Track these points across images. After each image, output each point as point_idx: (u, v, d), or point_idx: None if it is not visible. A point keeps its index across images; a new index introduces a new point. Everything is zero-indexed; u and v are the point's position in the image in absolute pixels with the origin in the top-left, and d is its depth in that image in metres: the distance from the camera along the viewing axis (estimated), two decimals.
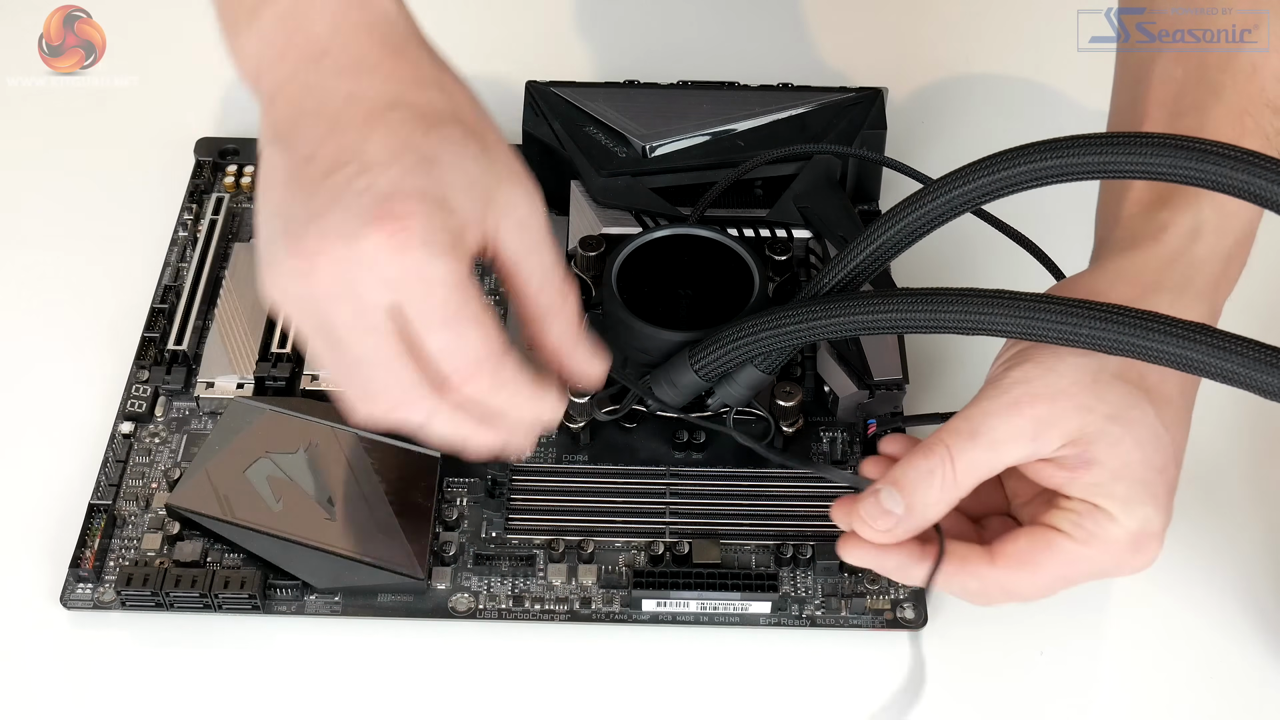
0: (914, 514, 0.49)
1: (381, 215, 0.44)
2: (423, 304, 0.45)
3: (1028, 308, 0.48)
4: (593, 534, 0.58)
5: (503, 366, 0.47)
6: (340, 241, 0.44)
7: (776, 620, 0.56)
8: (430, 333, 0.45)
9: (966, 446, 0.48)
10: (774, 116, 0.68)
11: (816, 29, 0.83)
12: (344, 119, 0.46)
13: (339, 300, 0.45)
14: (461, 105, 0.49)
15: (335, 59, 0.48)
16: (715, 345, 0.55)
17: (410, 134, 0.46)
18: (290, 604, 0.56)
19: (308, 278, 0.45)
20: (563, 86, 0.70)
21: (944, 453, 0.48)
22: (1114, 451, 0.47)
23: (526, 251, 0.49)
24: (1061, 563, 0.49)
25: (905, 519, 0.49)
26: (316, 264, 0.44)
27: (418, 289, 0.45)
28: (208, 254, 0.67)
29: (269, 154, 0.48)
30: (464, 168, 0.47)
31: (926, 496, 0.48)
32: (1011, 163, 0.49)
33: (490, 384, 0.47)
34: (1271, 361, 0.45)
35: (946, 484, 0.48)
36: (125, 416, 0.62)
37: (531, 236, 0.49)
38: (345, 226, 0.44)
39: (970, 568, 0.50)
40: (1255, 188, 0.46)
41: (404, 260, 0.44)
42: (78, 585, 0.57)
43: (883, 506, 0.49)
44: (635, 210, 0.66)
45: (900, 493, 0.49)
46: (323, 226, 0.44)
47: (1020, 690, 0.55)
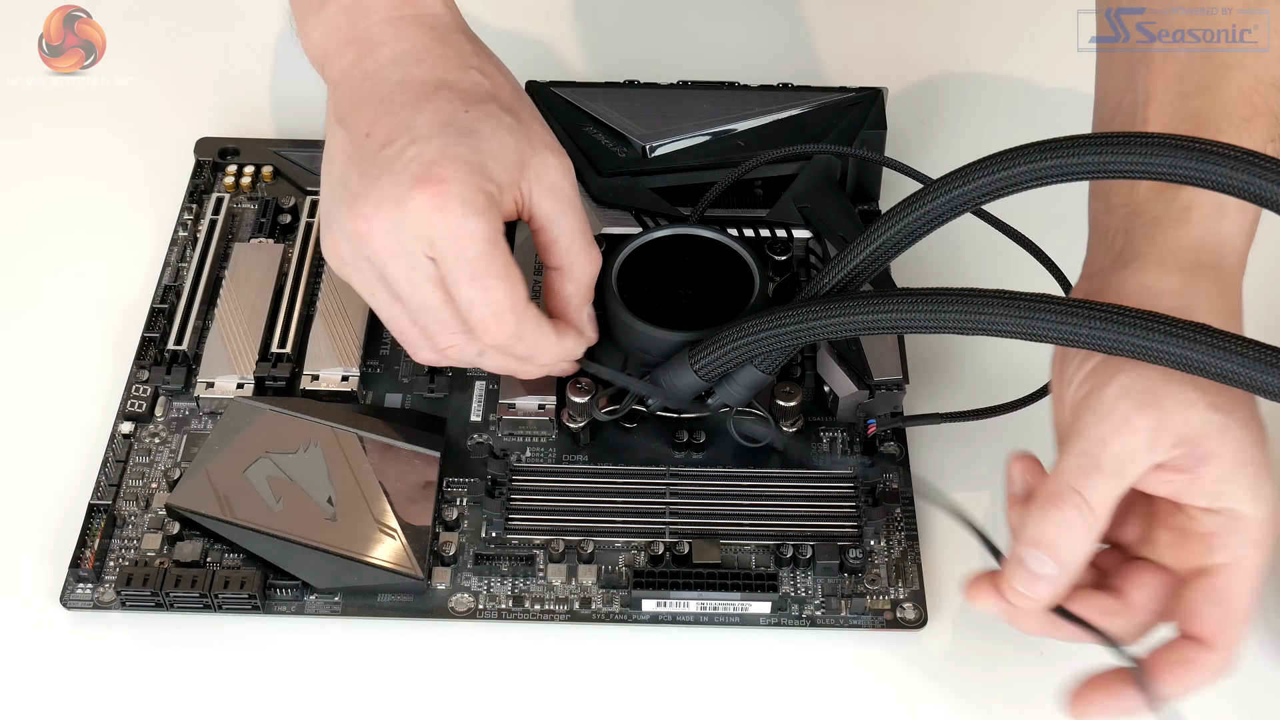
0: (1066, 568, 0.48)
1: (426, 179, 0.51)
2: (456, 259, 0.51)
3: (1028, 308, 0.48)
4: (593, 534, 0.58)
5: (523, 318, 0.53)
6: (391, 204, 0.51)
7: (776, 620, 0.56)
8: (459, 286, 0.52)
9: (1096, 481, 0.47)
10: (774, 116, 0.68)
11: (816, 29, 0.83)
12: (396, 100, 0.53)
13: (394, 256, 0.52)
14: (500, 86, 0.55)
15: (390, 49, 0.55)
16: (715, 345, 0.55)
17: (453, 110, 0.53)
18: (290, 604, 0.56)
19: (365, 238, 0.51)
20: (563, 86, 0.70)
21: (1076, 498, 0.47)
22: (1225, 440, 0.46)
23: (557, 214, 0.55)
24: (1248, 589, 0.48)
25: (1060, 577, 0.48)
26: (372, 225, 0.51)
27: (452, 244, 0.51)
28: (208, 254, 0.67)
29: (334, 132, 0.54)
30: (500, 138, 0.53)
31: (1072, 545, 0.47)
32: (1011, 163, 0.49)
33: (511, 334, 0.53)
34: (1271, 361, 0.45)
35: (1089, 526, 0.47)
36: (125, 416, 0.62)
37: (561, 201, 0.55)
38: (395, 190, 0.51)
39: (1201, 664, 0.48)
40: (1255, 188, 0.46)
41: (444, 218, 0.50)
42: (78, 585, 0.57)
43: (1034, 572, 0.48)
44: (635, 210, 0.66)
45: (1044, 552, 0.48)
46: (377, 192, 0.51)
47: (1020, 690, 0.55)
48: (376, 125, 0.53)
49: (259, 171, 0.72)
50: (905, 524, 0.59)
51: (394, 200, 0.51)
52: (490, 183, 0.52)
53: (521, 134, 0.53)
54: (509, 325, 0.53)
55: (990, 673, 0.56)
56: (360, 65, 0.55)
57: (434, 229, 0.50)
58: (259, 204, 0.71)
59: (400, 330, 0.55)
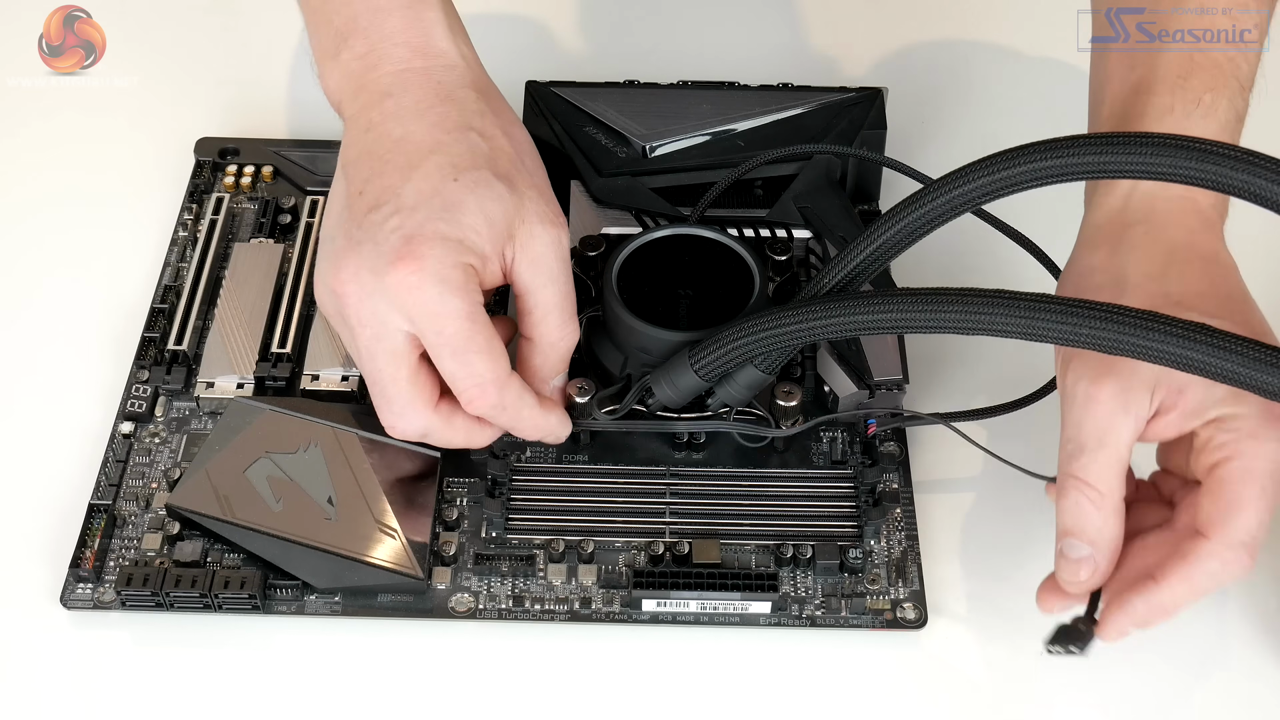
0: (1098, 545, 0.51)
1: (404, 254, 0.51)
2: (436, 335, 0.52)
3: (1028, 308, 0.48)
4: (593, 534, 0.58)
5: (506, 391, 0.54)
6: (369, 274, 0.52)
7: (776, 620, 0.56)
8: (441, 360, 0.53)
9: (1083, 462, 0.50)
10: (774, 116, 0.68)
11: (816, 29, 0.83)
12: (391, 162, 0.54)
13: (363, 324, 0.53)
14: (499, 149, 0.56)
15: (396, 101, 0.56)
16: (715, 345, 0.55)
17: (442, 179, 0.53)
18: (290, 604, 0.56)
19: (342, 300, 0.53)
20: (563, 86, 0.70)
21: (1074, 481, 0.50)
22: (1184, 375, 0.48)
23: (536, 286, 0.55)
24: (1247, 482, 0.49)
25: (1097, 554, 0.51)
26: (348, 290, 0.52)
27: (431, 322, 0.52)
28: (208, 254, 0.67)
29: (338, 177, 0.56)
30: (486, 210, 0.53)
31: (1093, 523, 0.50)
32: (1011, 163, 0.49)
33: (494, 405, 0.54)
34: (1271, 361, 0.45)
35: (1097, 501, 0.50)
36: (125, 416, 0.62)
37: (542, 273, 0.55)
38: (374, 261, 0.52)
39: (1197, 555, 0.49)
40: (1255, 187, 0.46)
41: (420, 295, 0.52)
42: (78, 585, 0.57)
43: (1072, 559, 0.51)
44: (635, 210, 0.66)
45: (1075, 537, 0.51)
46: (357, 259, 0.52)
47: (1020, 690, 0.55)
48: (369, 185, 0.54)
49: (259, 171, 0.72)
50: (905, 524, 0.59)
51: (372, 271, 0.52)
52: (471, 255, 0.53)
53: (512, 203, 0.54)
54: (492, 397, 0.54)
55: (990, 673, 0.56)
56: (366, 114, 0.56)
57: (410, 306, 0.52)
58: (259, 204, 0.71)
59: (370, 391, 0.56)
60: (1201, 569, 0.49)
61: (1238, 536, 0.49)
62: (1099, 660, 0.56)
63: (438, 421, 0.55)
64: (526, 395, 0.55)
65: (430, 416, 0.55)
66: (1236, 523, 0.49)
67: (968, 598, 0.57)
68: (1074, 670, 0.56)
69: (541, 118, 0.68)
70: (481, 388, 0.53)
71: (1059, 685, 0.55)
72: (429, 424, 0.55)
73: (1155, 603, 0.50)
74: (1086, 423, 0.50)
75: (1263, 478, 0.49)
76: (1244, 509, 0.49)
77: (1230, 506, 0.49)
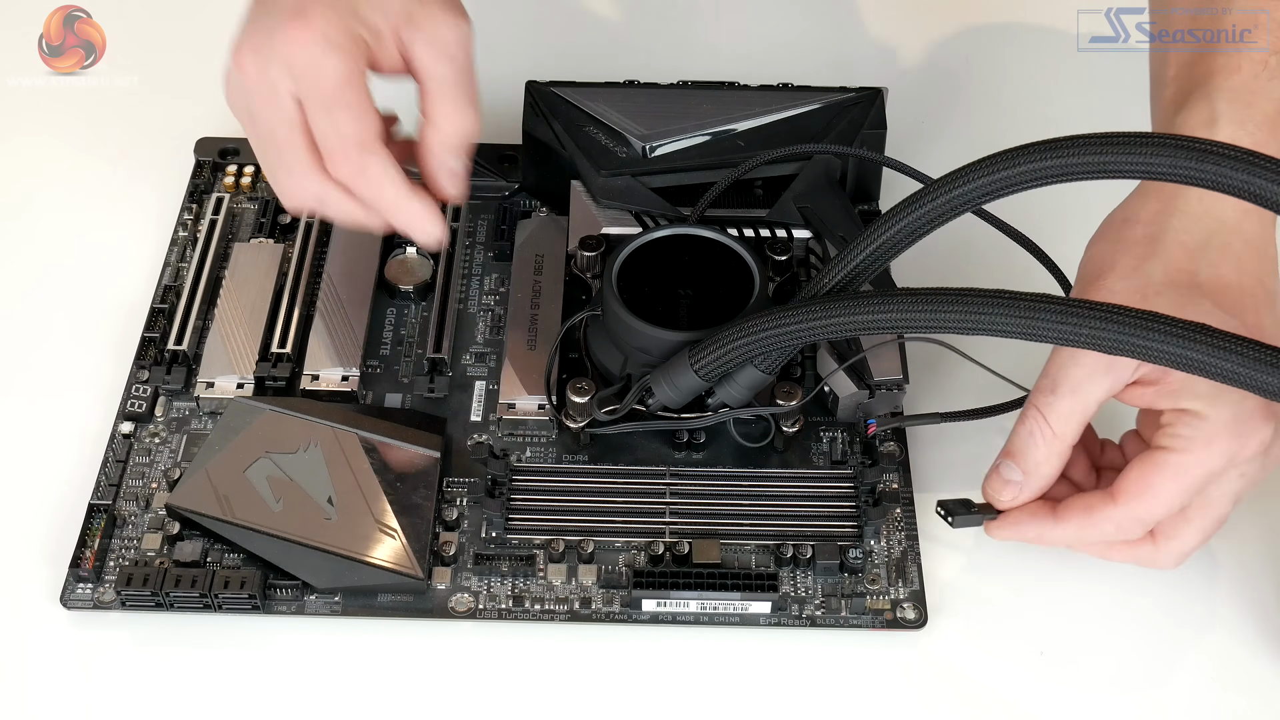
0: (1031, 476, 0.53)
1: (295, 16, 0.54)
2: (311, 89, 0.54)
3: (1028, 308, 0.48)
4: (593, 534, 0.58)
5: (369, 154, 0.55)
6: (264, 38, 0.55)
7: (776, 620, 0.56)
8: (314, 117, 0.55)
9: (1051, 400, 0.52)
10: (774, 116, 0.68)
11: (816, 29, 0.83)
12: None
13: (257, 86, 0.55)
14: None
15: None
16: (715, 345, 0.55)
17: None
18: (290, 604, 0.56)
19: (241, 70, 0.55)
20: (563, 86, 0.70)
21: (1035, 414, 0.53)
22: None
23: (434, 67, 0.57)
24: (1173, 477, 0.51)
25: (1026, 483, 0.54)
26: (246, 62, 0.55)
27: (310, 76, 0.54)
28: (208, 254, 0.67)
29: None
30: None
31: (1035, 455, 0.53)
32: (1011, 163, 0.49)
33: (355, 167, 0.55)
34: (1271, 361, 0.45)
35: (1048, 439, 0.52)
36: (125, 416, 0.62)
37: (440, 55, 0.57)
38: (269, 25, 0.55)
39: (1099, 513, 0.53)
40: (1255, 188, 0.46)
41: (303, 51, 0.54)
42: (78, 585, 0.57)
43: (1003, 477, 0.54)
44: (635, 210, 0.66)
45: (1014, 461, 0.53)
46: (254, 29, 0.55)
47: (1020, 690, 0.55)
48: None
49: (259, 171, 0.72)
50: (905, 524, 0.59)
51: (266, 33, 0.55)
52: (361, 26, 0.55)
53: None
54: (353, 157, 0.55)
55: (990, 673, 0.56)
56: None
57: (294, 61, 0.54)
58: (259, 204, 0.71)
59: (266, 169, 0.58)
60: (1097, 528, 0.53)
61: (1139, 514, 0.52)
62: (1099, 660, 0.56)
63: (329, 187, 0.56)
64: (392, 171, 0.56)
65: (321, 180, 0.56)
66: (1144, 504, 0.52)
67: (968, 598, 0.57)
68: (1074, 670, 0.56)
69: (541, 118, 0.68)
70: (344, 145, 0.55)
71: (1058, 685, 0.55)
72: (320, 188, 0.56)
73: (1045, 535, 0.54)
74: (1070, 368, 0.52)
75: (1189, 482, 0.51)
76: (1157, 498, 0.52)
77: (1147, 490, 0.52)
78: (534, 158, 0.70)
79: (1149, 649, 0.56)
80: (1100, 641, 0.56)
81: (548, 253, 0.67)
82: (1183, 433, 0.51)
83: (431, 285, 0.67)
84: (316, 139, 0.55)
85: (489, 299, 0.67)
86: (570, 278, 0.66)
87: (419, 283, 0.67)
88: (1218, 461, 0.51)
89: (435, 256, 0.67)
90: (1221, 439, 0.50)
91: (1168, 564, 0.55)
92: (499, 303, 0.67)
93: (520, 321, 0.64)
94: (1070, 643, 0.56)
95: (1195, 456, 0.51)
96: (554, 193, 0.69)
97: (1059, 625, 0.57)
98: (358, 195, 0.56)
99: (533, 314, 0.65)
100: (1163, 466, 0.51)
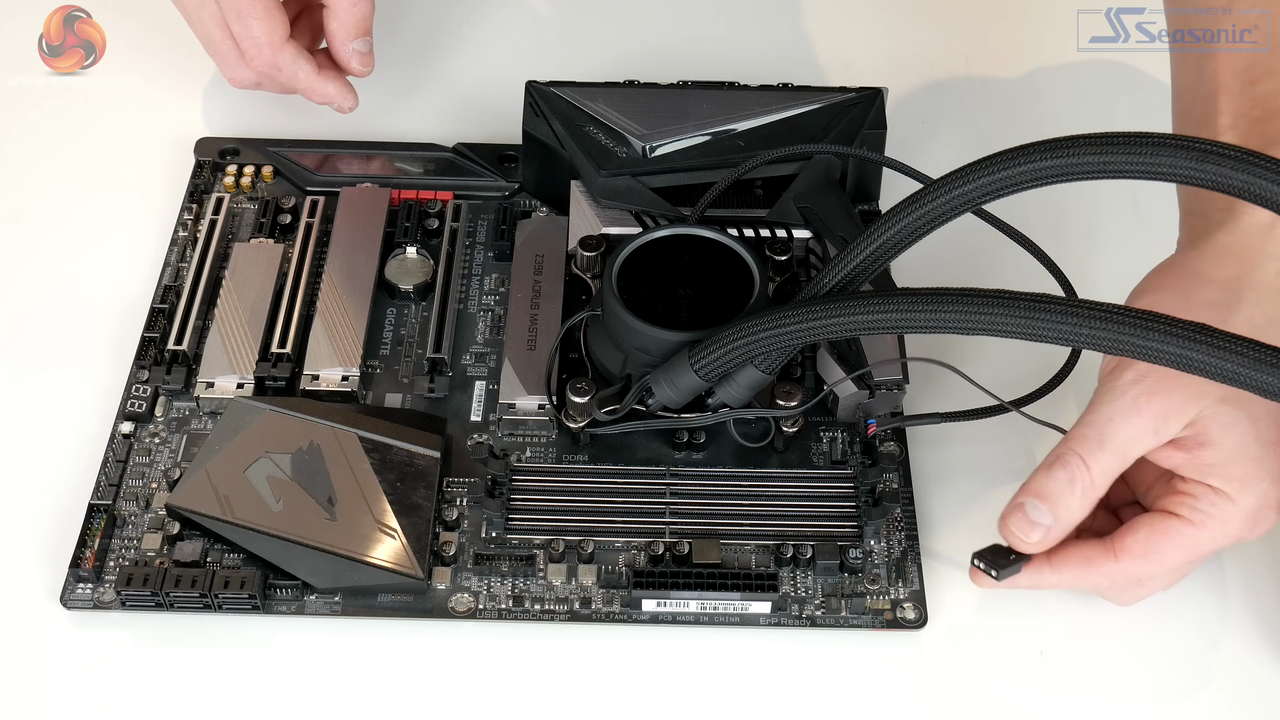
0: (1060, 522, 0.52)
1: None
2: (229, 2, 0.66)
3: (1028, 308, 0.48)
4: (593, 534, 0.58)
5: (279, 53, 0.67)
6: None
7: (776, 620, 0.56)
8: (231, 24, 0.66)
9: (1098, 454, 0.51)
10: (774, 116, 0.68)
11: (816, 29, 0.83)
12: None
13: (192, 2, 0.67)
14: None
15: None
16: (715, 345, 0.55)
17: None
18: (290, 604, 0.56)
19: None
20: (563, 86, 0.70)
21: (1079, 462, 0.51)
22: (1228, 433, 0.50)
23: None
24: (1181, 548, 0.51)
25: (1053, 528, 0.52)
26: None
27: None
28: (208, 254, 0.67)
29: None
30: None
31: (1070, 504, 0.52)
32: (1011, 163, 0.49)
33: (269, 64, 0.67)
34: (1271, 361, 0.45)
35: (1086, 490, 0.51)
36: (125, 416, 0.62)
37: None
38: None
39: (1098, 567, 0.52)
40: (1255, 188, 0.46)
41: None
42: (78, 585, 0.57)
43: (1030, 519, 0.52)
44: (635, 210, 0.66)
45: (1045, 504, 0.52)
46: None
47: (1020, 690, 0.55)
48: None
49: (259, 171, 0.72)
50: (905, 524, 0.59)
51: None
52: None
53: None
54: (266, 56, 0.66)
55: (990, 673, 0.56)
56: None
57: None
58: (259, 204, 0.71)
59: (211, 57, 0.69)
60: (1092, 580, 0.53)
61: (1137, 574, 0.53)
62: (1099, 660, 0.56)
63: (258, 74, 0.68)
64: (302, 61, 0.68)
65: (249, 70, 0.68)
66: (1145, 566, 0.52)
67: (968, 598, 0.57)
68: (1074, 670, 0.56)
69: (541, 118, 0.68)
70: (257, 48, 0.66)
71: (1058, 685, 0.55)
72: (251, 75, 0.69)
73: (1039, 582, 0.54)
74: (1122, 429, 0.51)
75: (1195, 556, 0.52)
76: (1159, 563, 0.52)
77: (1152, 553, 0.52)
78: (534, 158, 0.70)
79: (1149, 649, 0.56)
80: (1100, 642, 0.56)
81: (548, 253, 0.67)
82: (1204, 509, 0.51)
83: (431, 285, 0.67)
84: (236, 40, 0.67)
85: (489, 299, 0.67)
86: (570, 278, 0.66)
87: (419, 283, 0.67)
88: (1226, 543, 0.51)
89: (435, 256, 0.68)
90: (1237, 524, 0.51)
91: (1126, 603, 0.55)
92: (499, 303, 0.67)
93: (520, 321, 0.64)
94: (1070, 643, 0.56)
95: (1208, 534, 0.51)
96: (554, 193, 0.69)
97: (1059, 625, 0.57)
98: (278, 83, 0.68)
99: (533, 314, 0.65)
100: (1173, 535, 0.51)
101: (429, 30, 0.82)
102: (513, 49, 0.81)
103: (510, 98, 0.70)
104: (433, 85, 0.79)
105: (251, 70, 0.68)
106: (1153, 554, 0.52)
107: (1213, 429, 0.50)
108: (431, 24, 0.82)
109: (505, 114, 0.72)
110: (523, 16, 0.83)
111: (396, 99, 0.78)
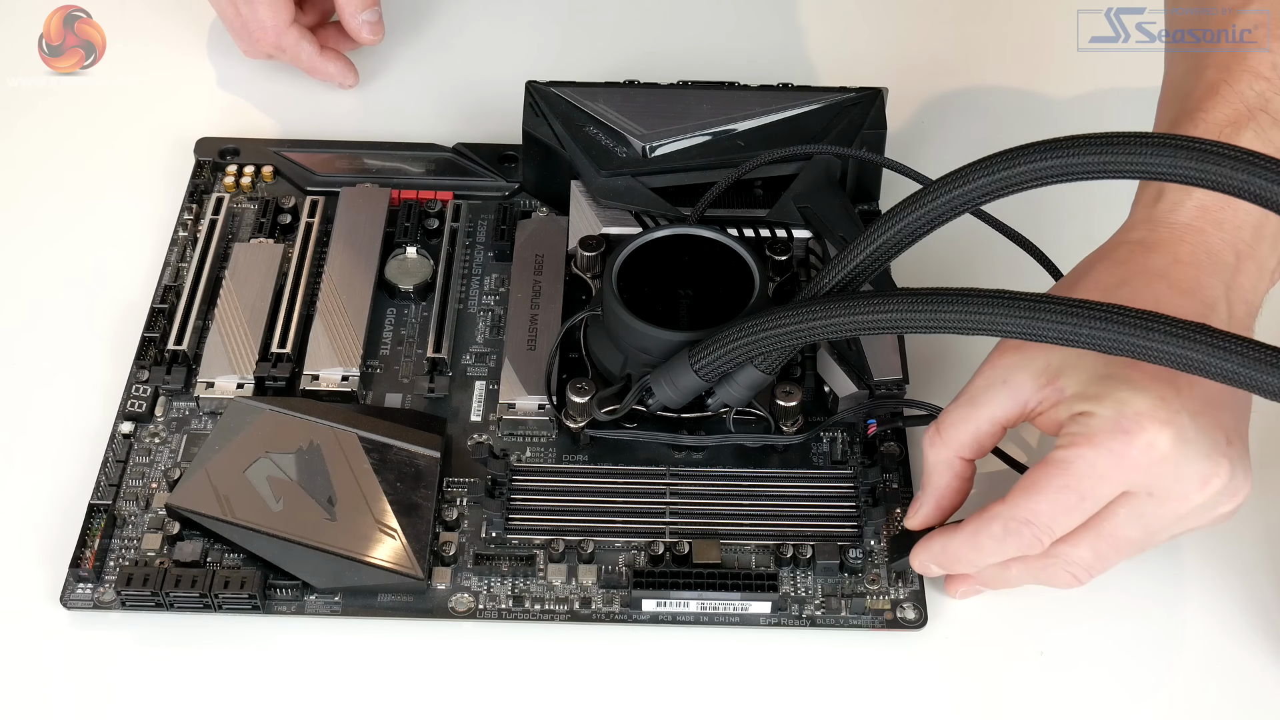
0: (926, 490, 0.55)
1: None
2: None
3: (1028, 308, 0.48)
4: (593, 534, 0.58)
5: (284, 35, 0.74)
6: None
7: (776, 620, 0.56)
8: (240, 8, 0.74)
9: (950, 407, 0.53)
10: (774, 116, 0.68)
11: (816, 29, 0.83)
12: None
13: None
14: None
15: None
16: (715, 345, 0.55)
17: None
18: (290, 604, 0.56)
19: None
20: (563, 86, 0.70)
21: (932, 429, 0.54)
22: (1079, 366, 0.50)
23: None
24: (1058, 473, 0.50)
25: (923, 496, 0.55)
26: None
27: None
28: (208, 254, 0.67)
29: None
30: None
31: (928, 461, 0.54)
32: (1011, 163, 0.49)
33: (274, 45, 0.75)
34: (1271, 361, 0.45)
35: (935, 445, 0.53)
36: (125, 416, 0.62)
37: None
38: None
39: (989, 512, 0.52)
40: (1255, 188, 0.46)
41: None
42: (78, 585, 0.57)
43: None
44: (635, 210, 0.66)
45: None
46: None
47: (1020, 690, 0.55)
48: None
49: (259, 171, 0.72)
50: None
51: None
52: None
53: None
54: (271, 39, 0.74)
55: (990, 673, 0.56)
56: None
57: None
58: (259, 204, 0.71)
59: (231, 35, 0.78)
60: (986, 529, 0.52)
61: (1024, 512, 0.51)
62: (1099, 660, 0.56)
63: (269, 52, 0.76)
64: (305, 43, 0.75)
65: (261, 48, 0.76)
66: (1029, 502, 0.51)
67: (968, 598, 0.57)
68: (1074, 670, 0.56)
69: (541, 118, 0.68)
70: (263, 31, 0.74)
71: (1058, 685, 0.55)
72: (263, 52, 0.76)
73: (948, 549, 0.54)
74: (974, 382, 0.53)
75: (1071, 480, 0.50)
76: (1041, 494, 0.50)
77: (1031, 486, 0.51)
78: (534, 158, 0.70)
79: (1149, 649, 0.56)
80: (1100, 641, 0.56)
81: (548, 253, 0.67)
82: (1070, 430, 0.50)
83: (431, 285, 0.67)
84: (247, 23, 0.74)
85: (489, 299, 0.67)
86: (570, 278, 0.66)
87: (419, 283, 0.67)
88: (1103, 460, 0.49)
89: (435, 256, 0.68)
90: (1104, 434, 0.49)
91: (1062, 580, 0.53)
92: (499, 303, 0.67)
93: (520, 321, 0.64)
94: (1070, 643, 0.56)
95: (1077, 451, 0.49)
96: (554, 193, 0.69)
97: (1059, 625, 0.57)
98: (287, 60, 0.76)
99: (533, 314, 0.65)
100: (1048, 463, 0.50)
101: (429, 30, 0.82)
102: (513, 49, 0.81)
103: (510, 98, 0.70)
104: (433, 85, 0.79)
105: (260, 48, 0.75)
106: (1032, 486, 0.50)
107: (1067, 374, 0.50)
108: (431, 24, 0.82)
109: (505, 114, 0.72)
110: (523, 16, 0.83)
111: (396, 99, 0.78)
